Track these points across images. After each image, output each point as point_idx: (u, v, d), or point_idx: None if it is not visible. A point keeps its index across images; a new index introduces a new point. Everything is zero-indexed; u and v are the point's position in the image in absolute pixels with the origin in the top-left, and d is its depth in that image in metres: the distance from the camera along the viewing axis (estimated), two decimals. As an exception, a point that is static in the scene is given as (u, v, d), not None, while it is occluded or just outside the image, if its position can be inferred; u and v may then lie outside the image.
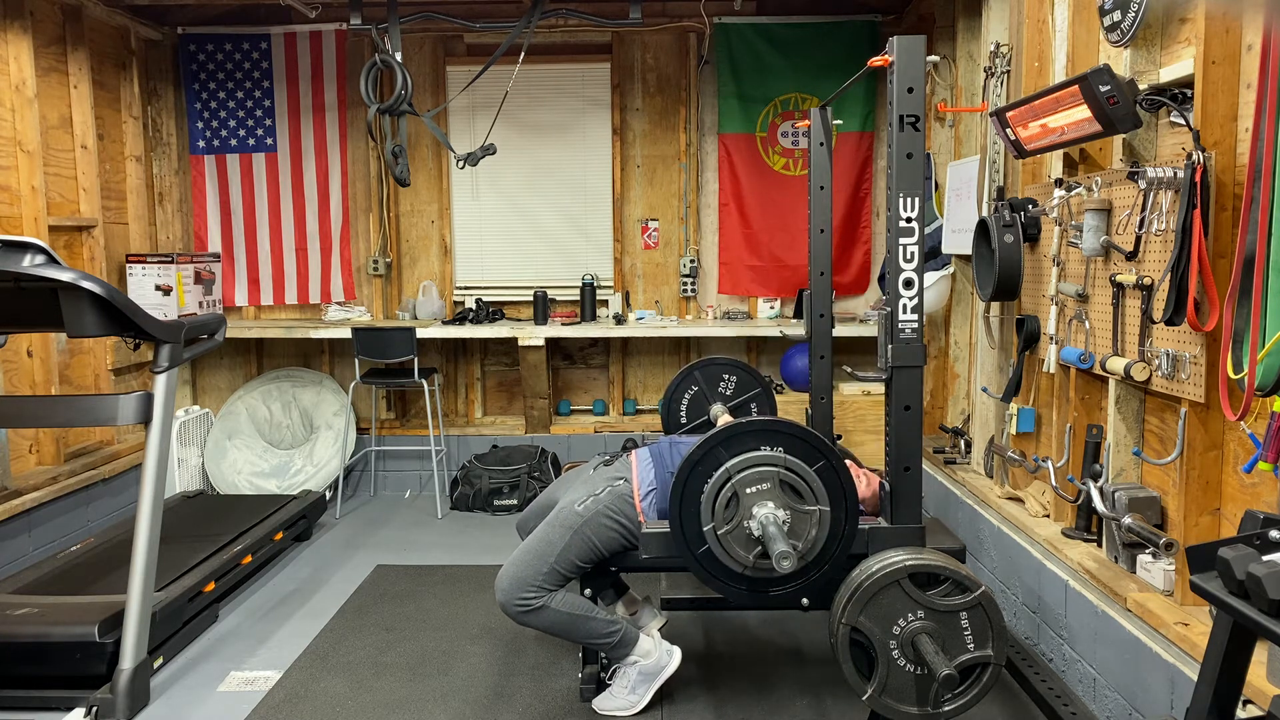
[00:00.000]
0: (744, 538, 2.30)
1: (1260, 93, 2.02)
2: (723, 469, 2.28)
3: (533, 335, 5.12)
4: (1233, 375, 2.11)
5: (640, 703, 2.85)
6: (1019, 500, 3.53)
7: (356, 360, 5.12)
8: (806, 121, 3.73)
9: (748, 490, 2.27)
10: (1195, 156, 2.31)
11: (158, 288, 4.89)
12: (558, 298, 5.52)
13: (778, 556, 2.15)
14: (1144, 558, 2.66)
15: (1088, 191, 2.88)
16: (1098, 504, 2.78)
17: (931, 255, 4.45)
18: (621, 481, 2.80)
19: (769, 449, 2.29)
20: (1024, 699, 2.91)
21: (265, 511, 4.37)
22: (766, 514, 2.24)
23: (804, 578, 2.36)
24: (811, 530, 2.28)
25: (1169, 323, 2.43)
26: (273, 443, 5.48)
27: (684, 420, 3.92)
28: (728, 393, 3.90)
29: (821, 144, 3.53)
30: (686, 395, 3.91)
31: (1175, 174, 2.39)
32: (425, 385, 5.07)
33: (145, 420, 2.97)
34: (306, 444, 5.44)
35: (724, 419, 3.67)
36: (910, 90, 2.32)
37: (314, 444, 5.41)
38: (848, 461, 3.04)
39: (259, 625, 3.61)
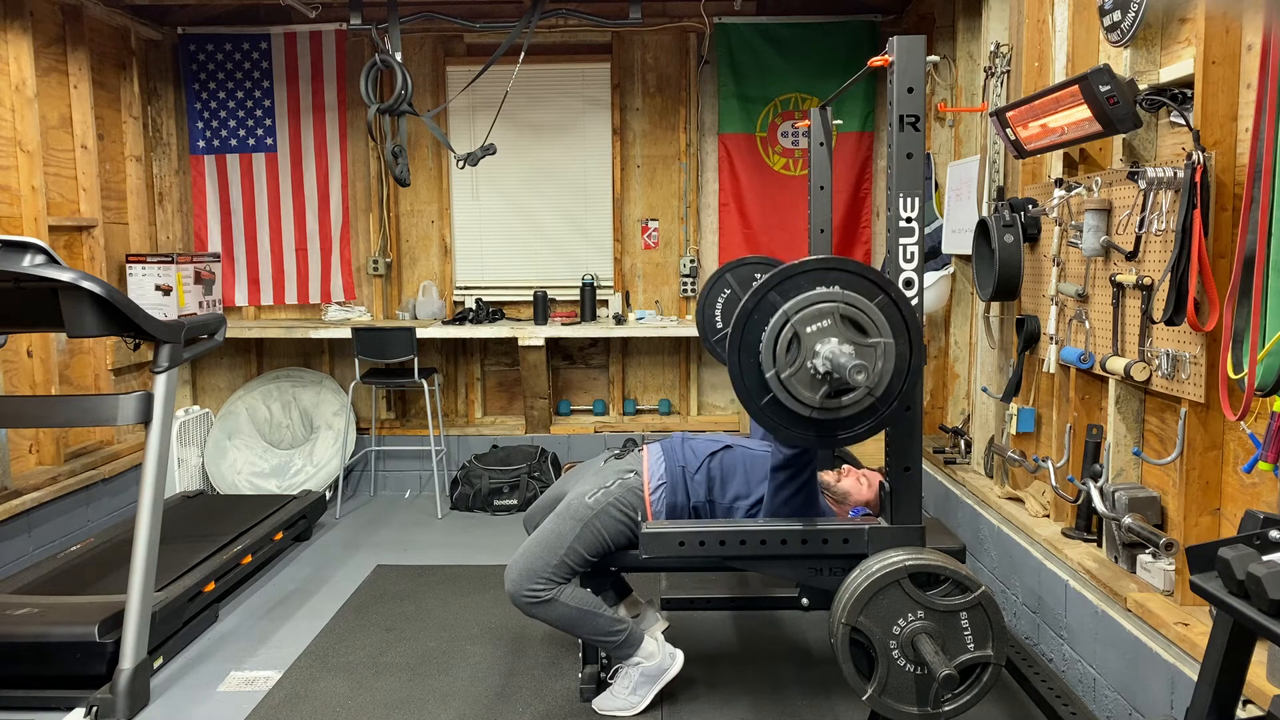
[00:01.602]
0: (808, 378, 2.19)
1: (1260, 93, 2.02)
2: (780, 312, 2.19)
3: (533, 335, 5.12)
4: (1233, 375, 2.11)
5: (641, 704, 2.85)
6: (1019, 500, 3.53)
7: (356, 360, 5.12)
8: (806, 121, 3.73)
9: (808, 329, 2.17)
10: (1195, 156, 2.31)
11: (158, 288, 4.89)
12: (558, 298, 5.52)
13: (852, 370, 2.07)
14: (1144, 558, 2.66)
15: (1088, 191, 2.88)
16: (1098, 504, 2.78)
17: (931, 255, 4.45)
18: (632, 474, 2.80)
19: (825, 288, 2.21)
20: (1024, 699, 2.92)
21: (265, 511, 4.37)
22: (832, 349, 2.18)
23: (873, 416, 2.29)
24: (878, 362, 2.19)
25: (1169, 323, 2.43)
26: (273, 443, 5.48)
27: (719, 324, 3.77)
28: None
29: (821, 144, 3.53)
30: (720, 299, 3.76)
31: (1175, 174, 2.39)
32: (425, 385, 5.07)
33: (145, 420, 2.97)
34: (306, 444, 5.44)
35: None
36: (910, 90, 2.32)
37: (314, 444, 5.41)
38: (845, 464, 3.05)
39: (259, 625, 3.61)
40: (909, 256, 2.38)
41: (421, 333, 5.04)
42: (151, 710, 2.96)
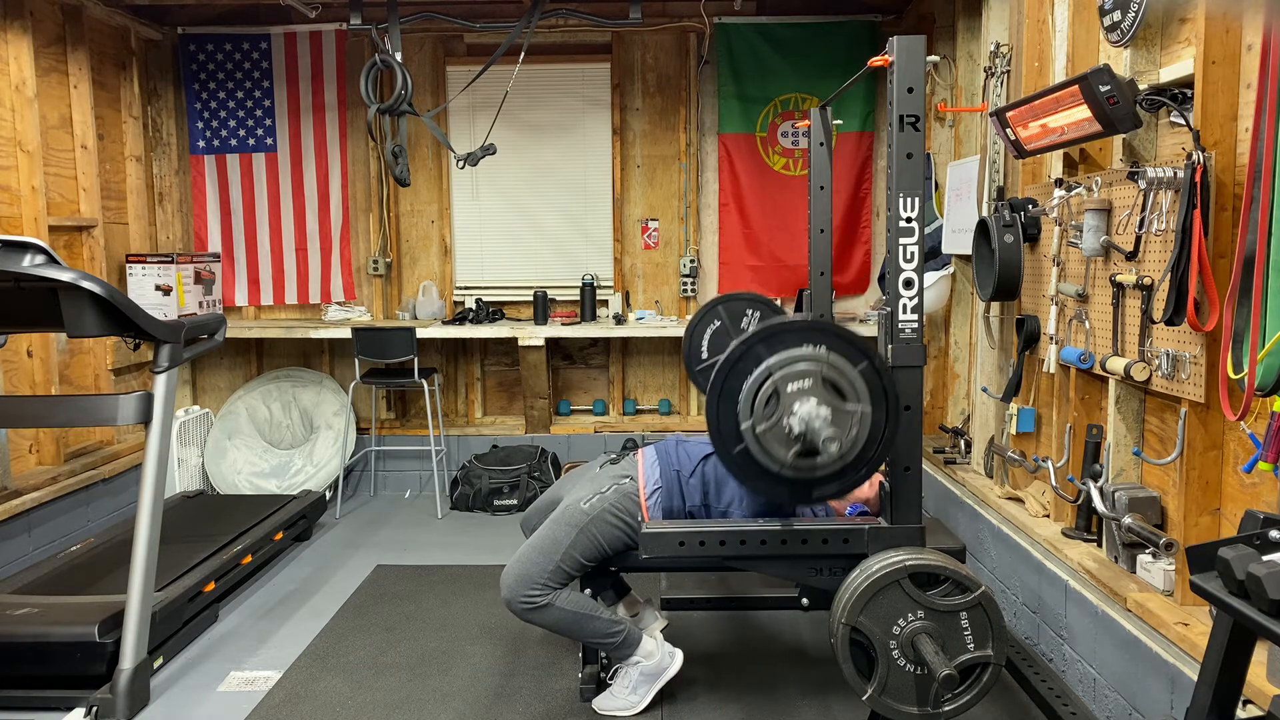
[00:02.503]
0: (783, 435, 2.23)
1: (1260, 93, 2.02)
2: (763, 366, 2.22)
3: (533, 335, 5.12)
4: (1233, 375, 2.11)
5: (641, 703, 2.85)
6: (1019, 500, 3.53)
7: (356, 360, 5.12)
8: (806, 121, 3.73)
9: (789, 387, 2.20)
10: (1195, 156, 2.31)
11: (158, 288, 4.89)
12: (558, 298, 5.52)
13: (825, 440, 2.11)
14: (1144, 558, 2.66)
15: (1088, 191, 2.88)
16: (1098, 504, 2.78)
17: (931, 255, 4.45)
18: (627, 480, 2.80)
19: (811, 348, 2.24)
20: (1024, 699, 2.92)
21: (265, 511, 4.37)
22: (809, 409, 2.20)
23: (841, 479, 2.32)
24: (853, 429, 2.23)
25: (1169, 323, 2.43)
26: (273, 443, 5.48)
27: (705, 355, 3.83)
28: (749, 328, 3.86)
29: (821, 144, 3.53)
30: (709, 329, 3.83)
31: (1175, 174, 2.39)
32: (425, 385, 5.07)
33: (145, 420, 2.97)
34: (306, 444, 5.45)
35: None
36: (910, 90, 2.32)
37: (314, 444, 5.41)
38: None
39: (259, 625, 3.61)
40: (909, 256, 2.38)
41: (421, 333, 5.04)
42: (151, 710, 2.96)
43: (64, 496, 4.24)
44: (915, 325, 2.39)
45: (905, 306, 2.39)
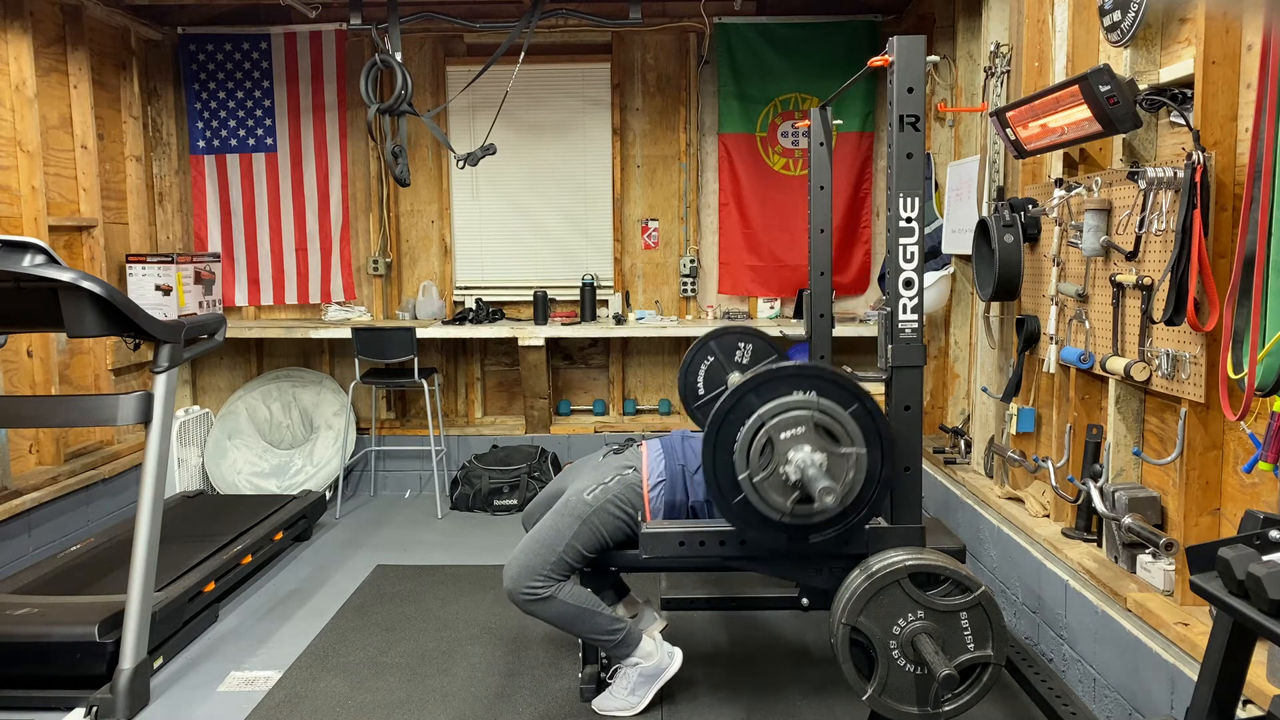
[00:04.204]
0: (780, 484, 2.24)
1: (1260, 93, 2.02)
2: (755, 415, 2.24)
3: (533, 335, 5.12)
4: (1233, 375, 2.11)
5: (640, 704, 2.85)
6: (1019, 500, 3.53)
7: (356, 360, 5.12)
8: (806, 121, 3.73)
9: (782, 435, 2.22)
10: (1195, 156, 2.31)
11: (158, 288, 4.89)
12: (558, 298, 5.52)
13: (821, 492, 2.11)
14: (1144, 558, 2.66)
15: (1088, 191, 2.88)
16: (1098, 504, 2.78)
17: (931, 255, 4.45)
18: (630, 471, 2.79)
19: (801, 394, 2.26)
20: (1024, 699, 2.92)
21: (265, 511, 4.37)
22: (803, 457, 2.20)
23: (842, 522, 2.33)
24: (849, 473, 2.24)
25: (1169, 323, 2.43)
26: (273, 443, 5.48)
27: (701, 391, 3.83)
28: (744, 361, 3.83)
29: (821, 144, 3.53)
30: (703, 366, 3.84)
31: (1175, 174, 2.39)
32: (425, 385, 5.07)
33: (145, 420, 2.97)
34: (306, 444, 5.44)
35: None
36: (910, 90, 2.32)
37: (314, 444, 5.41)
38: None
39: (259, 625, 3.61)
40: (909, 256, 2.38)
41: (421, 333, 5.04)
42: (151, 710, 2.96)
43: (64, 496, 4.24)
44: (915, 325, 2.39)
45: (905, 306, 2.39)
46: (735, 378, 3.76)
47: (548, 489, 3.10)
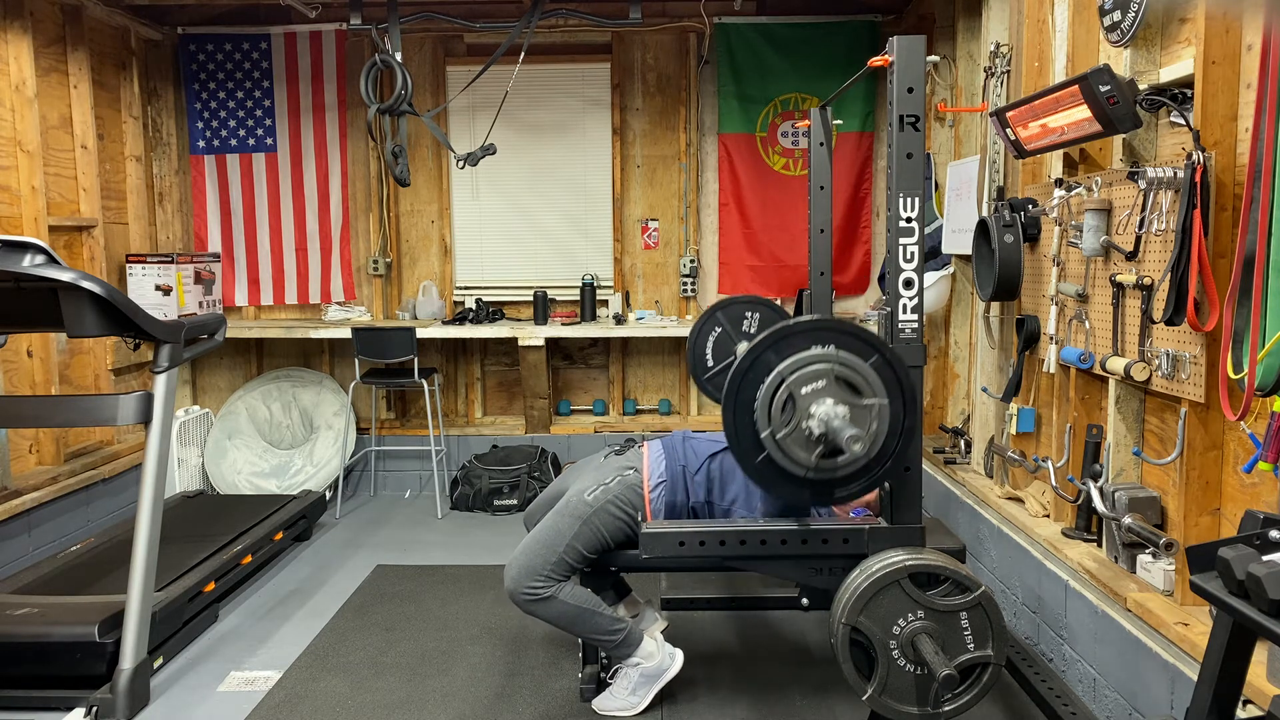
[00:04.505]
0: (803, 439, 2.21)
1: (1260, 93, 2.02)
2: (775, 372, 2.22)
3: (533, 335, 5.12)
4: (1233, 375, 2.11)
5: (641, 704, 2.85)
6: (1019, 500, 3.53)
7: (356, 360, 5.12)
8: (806, 121, 3.73)
9: (803, 390, 2.19)
10: (1195, 156, 2.31)
11: (158, 288, 4.89)
12: (558, 298, 5.52)
13: (849, 440, 2.09)
14: (1144, 558, 2.66)
15: (1088, 191, 2.88)
16: (1098, 504, 2.78)
17: (931, 255, 4.45)
18: (631, 471, 2.80)
19: (820, 348, 2.23)
20: (1024, 699, 2.92)
21: (265, 511, 4.37)
22: (827, 410, 2.20)
23: (867, 475, 2.31)
24: (872, 424, 2.22)
25: (1169, 323, 2.43)
26: (273, 443, 5.48)
27: (710, 362, 3.83)
28: (751, 330, 3.83)
29: (821, 144, 3.53)
30: (711, 337, 3.83)
31: (1175, 174, 2.39)
32: (425, 385, 5.07)
33: (145, 420, 2.97)
34: (306, 444, 5.44)
35: None
36: (910, 90, 2.32)
37: (314, 444, 5.41)
38: None
39: (259, 625, 3.61)
40: (909, 256, 2.38)
41: (421, 333, 5.04)
42: (151, 710, 2.96)
43: (64, 496, 4.24)
44: (915, 325, 2.39)
45: (905, 306, 2.39)
46: (744, 347, 3.75)
47: (549, 490, 3.10)
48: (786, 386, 2.20)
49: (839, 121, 5.14)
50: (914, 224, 2.37)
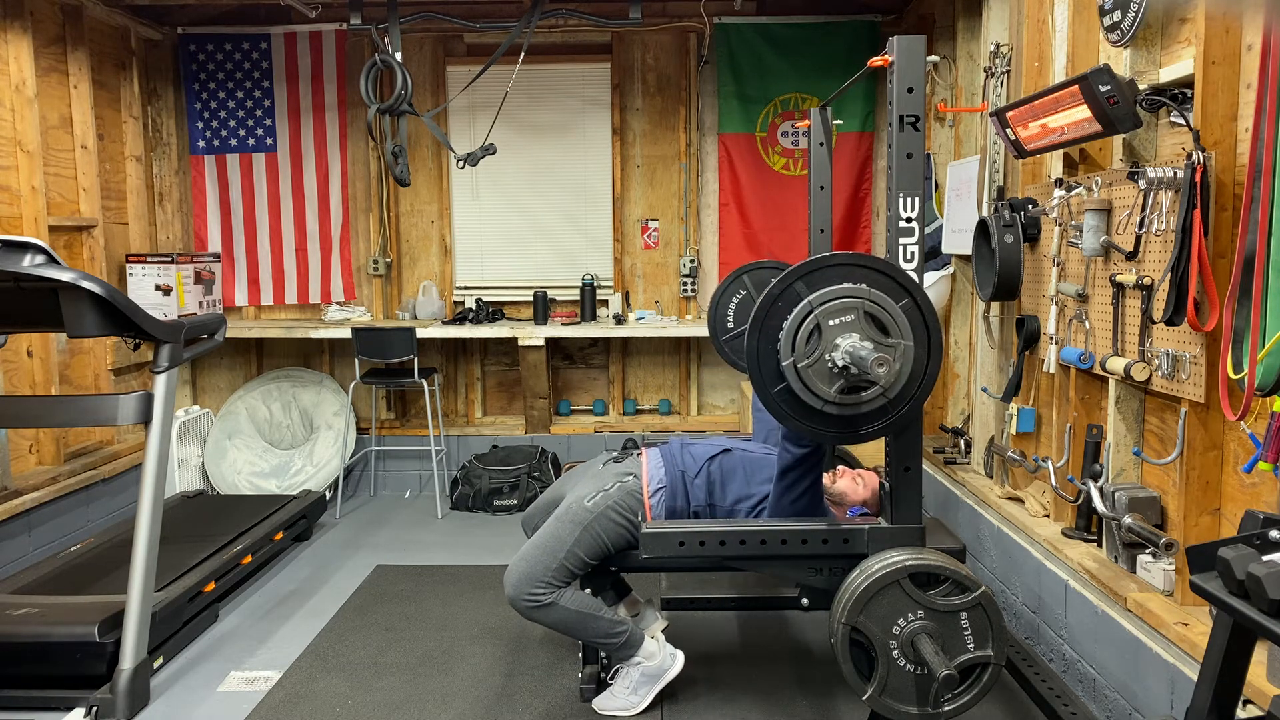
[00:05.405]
0: (825, 371, 2.20)
1: (1260, 93, 2.02)
2: (805, 302, 2.20)
3: (533, 335, 5.12)
4: (1233, 375, 2.11)
5: (641, 704, 2.85)
6: (1019, 500, 3.53)
7: (356, 360, 5.12)
8: (806, 121, 3.73)
9: (831, 322, 2.19)
10: (1195, 156, 2.31)
11: (158, 288, 4.89)
12: (558, 298, 5.52)
13: (874, 364, 2.08)
14: (1144, 558, 2.66)
15: (1088, 191, 2.88)
16: (1098, 504, 2.78)
17: (931, 255, 4.45)
18: (631, 478, 2.80)
19: (851, 284, 2.22)
20: (1024, 699, 2.92)
21: (265, 511, 4.37)
22: (853, 343, 2.18)
23: (884, 417, 2.30)
24: (896, 364, 2.21)
25: (1169, 323, 2.43)
26: (273, 443, 5.48)
27: (731, 325, 3.81)
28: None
29: (821, 144, 3.53)
30: (734, 299, 3.80)
31: (1175, 174, 2.39)
32: (425, 385, 5.07)
33: (145, 420, 2.97)
34: (306, 444, 5.44)
35: None
36: (910, 90, 2.32)
37: (314, 444, 5.41)
38: (840, 465, 3.05)
39: (259, 625, 3.61)
40: (909, 256, 2.38)
41: (421, 333, 5.04)
42: (151, 710, 2.96)
43: (64, 496, 4.24)
44: (915, 325, 2.39)
45: (905, 306, 2.38)
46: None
47: (546, 494, 3.10)
48: (815, 316, 2.18)
49: (839, 121, 5.14)
50: (914, 224, 2.37)
